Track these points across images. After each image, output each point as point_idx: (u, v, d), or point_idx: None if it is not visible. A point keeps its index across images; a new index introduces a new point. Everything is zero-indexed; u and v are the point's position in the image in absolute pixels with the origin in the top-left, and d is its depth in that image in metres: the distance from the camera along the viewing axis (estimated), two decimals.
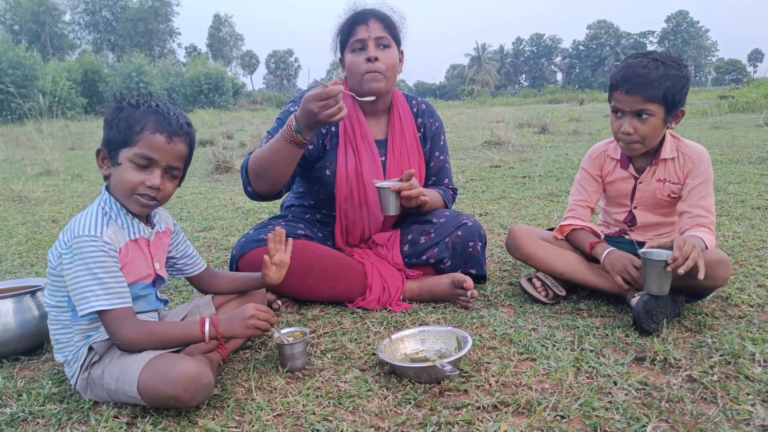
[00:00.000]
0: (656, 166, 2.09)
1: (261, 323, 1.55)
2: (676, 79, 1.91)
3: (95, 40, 73.86)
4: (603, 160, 2.22)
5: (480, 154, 7.61)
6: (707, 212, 1.98)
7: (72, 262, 1.43)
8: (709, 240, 1.90)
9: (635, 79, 1.91)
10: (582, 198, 2.25)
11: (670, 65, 1.91)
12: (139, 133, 1.48)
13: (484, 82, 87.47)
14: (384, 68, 2.21)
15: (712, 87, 53.58)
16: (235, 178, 6.57)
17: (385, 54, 2.22)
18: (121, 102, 1.52)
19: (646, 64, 1.91)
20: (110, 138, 1.50)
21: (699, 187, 2.01)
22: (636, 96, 1.92)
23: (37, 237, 3.72)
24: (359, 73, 2.21)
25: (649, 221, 2.18)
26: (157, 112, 1.51)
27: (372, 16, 2.22)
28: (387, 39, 2.23)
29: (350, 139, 2.31)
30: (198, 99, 39.83)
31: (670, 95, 1.91)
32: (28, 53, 31.60)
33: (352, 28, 2.22)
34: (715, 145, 7.02)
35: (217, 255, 3.10)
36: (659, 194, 2.11)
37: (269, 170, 2.06)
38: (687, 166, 2.06)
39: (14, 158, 9.42)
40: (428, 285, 2.23)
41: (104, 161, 1.53)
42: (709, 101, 17.36)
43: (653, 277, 1.80)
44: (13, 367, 1.81)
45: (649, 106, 1.93)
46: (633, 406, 1.38)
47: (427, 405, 1.43)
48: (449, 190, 2.52)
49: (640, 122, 1.96)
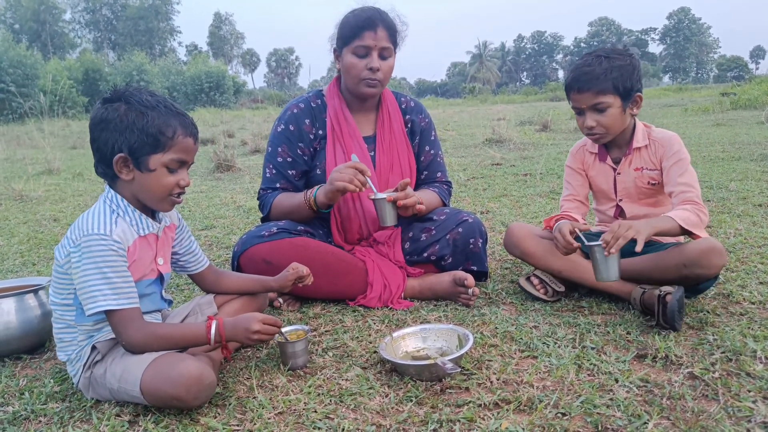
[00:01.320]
0: (631, 156, 2.14)
1: (265, 337, 1.55)
2: (622, 69, 1.99)
3: (96, 39, 73.79)
4: (583, 154, 2.29)
5: (481, 151, 7.61)
6: (689, 186, 1.99)
7: (80, 260, 1.42)
8: (683, 216, 1.87)
9: (583, 77, 2.02)
10: (569, 193, 2.30)
11: (614, 57, 2.01)
12: (172, 138, 1.47)
13: (485, 79, 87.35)
14: (382, 78, 2.26)
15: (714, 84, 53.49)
16: (237, 176, 6.58)
17: (386, 64, 2.26)
18: (124, 101, 1.47)
19: (590, 62, 2.02)
20: (134, 143, 1.45)
21: (675, 166, 2.04)
22: (587, 93, 2.02)
23: (39, 236, 3.73)
24: (357, 77, 2.24)
25: (637, 213, 2.19)
26: (177, 113, 1.50)
27: (382, 23, 2.21)
28: (390, 50, 2.26)
29: (338, 137, 2.34)
30: (199, 97, 39.78)
31: (620, 84, 1.99)
32: (28, 52, 31.60)
33: (360, 31, 2.20)
34: (717, 142, 7.01)
35: (219, 253, 3.11)
36: (639, 182, 2.14)
37: (294, 218, 2.28)
38: (659, 151, 2.10)
39: (15, 157, 9.44)
40: (429, 283, 2.23)
41: (125, 167, 1.49)
42: (711, 98, 17.35)
43: (596, 263, 1.84)
44: (16, 365, 1.81)
45: (602, 98, 2.01)
46: (634, 403, 1.38)
47: (429, 403, 1.44)
48: (443, 184, 2.53)
49: (599, 115, 2.04)
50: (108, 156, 1.48)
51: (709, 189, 4.11)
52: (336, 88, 2.40)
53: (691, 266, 1.86)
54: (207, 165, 7.44)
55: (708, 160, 5.55)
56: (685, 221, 1.87)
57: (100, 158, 1.51)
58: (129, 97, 1.48)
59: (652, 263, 1.96)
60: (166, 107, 1.48)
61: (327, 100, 2.39)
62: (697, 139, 7.55)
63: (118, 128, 1.45)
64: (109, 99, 1.49)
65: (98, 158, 1.52)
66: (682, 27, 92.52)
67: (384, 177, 2.35)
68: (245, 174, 6.71)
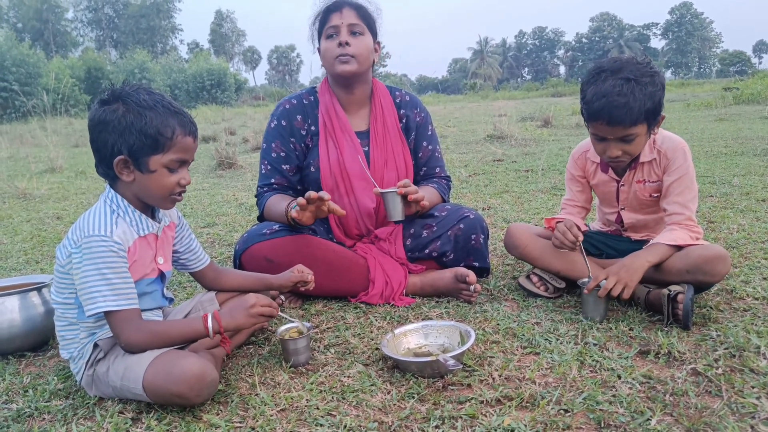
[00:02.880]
0: (635, 170, 2.08)
1: (265, 309, 1.55)
2: (653, 95, 1.82)
3: (98, 37, 73.79)
4: (584, 161, 2.22)
5: (483, 148, 7.60)
6: (683, 208, 1.96)
7: (81, 261, 1.43)
8: (673, 237, 1.91)
9: (615, 111, 1.80)
10: (569, 198, 2.29)
11: (645, 82, 1.80)
12: (171, 138, 1.46)
13: (486, 75, 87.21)
14: (355, 52, 2.24)
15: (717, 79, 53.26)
16: (238, 173, 6.58)
17: (358, 40, 2.25)
18: (121, 102, 1.45)
19: (621, 90, 1.79)
20: (133, 144, 1.45)
21: (675, 183, 1.98)
22: (618, 126, 1.84)
23: (42, 234, 3.74)
24: (331, 57, 2.26)
25: (637, 221, 2.18)
26: (175, 112, 1.48)
27: (346, 4, 2.26)
28: (360, 27, 2.26)
29: (330, 133, 2.34)
30: (200, 95, 39.81)
31: (652, 112, 1.84)
32: (31, 51, 31.65)
33: (327, 15, 2.27)
34: (720, 137, 6.99)
35: (221, 251, 3.11)
36: (641, 195, 2.10)
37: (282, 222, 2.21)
38: (663, 162, 2.02)
39: (19, 156, 9.46)
40: (431, 279, 2.23)
41: (125, 168, 1.49)
42: (714, 93, 17.28)
43: (586, 304, 1.92)
44: (19, 363, 1.82)
45: (632, 130, 1.85)
46: (637, 399, 1.38)
47: (431, 399, 1.44)
48: (442, 180, 2.52)
49: (627, 145, 1.90)
50: (108, 157, 1.48)
51: (711, 184, 4.10)
52: (327, 84, 2.41)
53: (694, 272, 1.85)
54: (209, 162, 7.44)
55: (711, 156, 5.53)
56: (676, 240, 1.91)
57: (100, 159, 1.51)
58: (126, 97, 1.46)
59: (655, 266, 1.95)
60: (163, 106, 1.47)
61: (319, 96, 2.40)
62: (699, 134, 7.53)
63: (116, 130, 1.45)
64: (107, 100, 1.47)
65: (98, 159, 1.52)
66: (684, 22, 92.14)
67: (378, 173, 2.34)
68: (247, 171, 6.72)
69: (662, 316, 1.83)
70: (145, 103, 1.46)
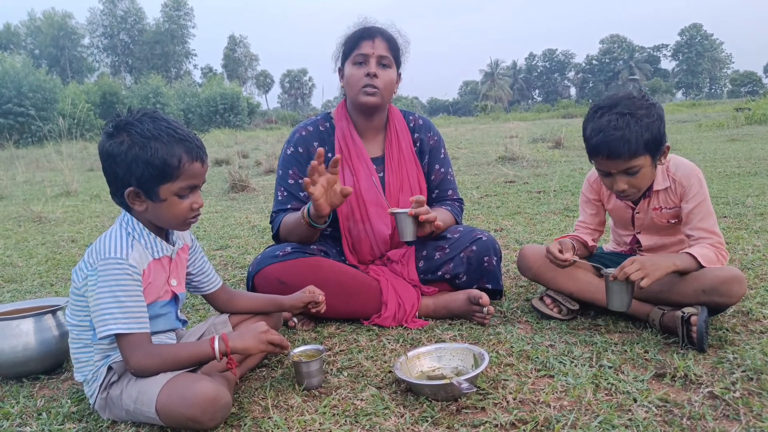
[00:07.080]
0: (650, 198, 2.08)
1: (276, 338, 1.56)
2: (650, 126, 1.85)
3: (113, 63, 75.17)
4: (599, 185, 2.22)
5: (494, 169, 7.61)
6: (709, 233, 1.96)
7: (96, 283, 1.44)
8: (702, 253, 1.89)
9: (613, 145, 1.85)
10: (582, 220, 2.30)
11: (640, 115, 1.85)
12: (178, 167, 1.47)
13: (497, 97, 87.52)
14: (381, 86, 2.26)
15: (728, 99, 53.13)
16: (251, 196, 6.62)
17: (385, 73, 2.28)
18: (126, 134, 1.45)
19: (617, 124, 1.84)
20: (141, 176, 1.46)
21: (695, 209, 1.98)
22: (618, 160, 1.88)
23: (57, 257, 3.77)
24: (357, 85, 2.27)
25: (654, 243, 2.17)
26: (181, 139, 1.48)
27: (380, 34, 2.28)
28: (389, 59, 2.29)
29: (346, 159, 2.35)
30: (213, 119, 40.27)
31: (651, 143, 1.87)
32: (48, 77, 32.30)
33: (358, 41, 2.28)
34: (733, 157, 6.95)
35: (234, 273, 3.12)
36: (658, 221, 2.11)
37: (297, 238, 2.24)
38: (678, 189, 2.03)
39: (35, 180, 9.59)
40: (444, 301, 2.22)
41: (137, 199, 1.50)
42: (726, 114, 17.22)
43: (609, 292, 1.90)
44: (33, 386, 1.83)
45: (634, 162, 1.89)
46: (653, 423, 1.36)
47: (445, 423, 1.42)
48: (455, 202, 2.53)
49: (632, 178, 1.93)
50: (120, 189, 1.50)
51: (725, 205, 4.07)
52: (344, 109, 2.43)
53: (710, 293, 1.83)
54: (222, 185, 7.50)
55: (723, 176, 5.50)
56: (704, 258, 1.88)
57: (112, 190, 1.54)
58: (130, 128, 1.46)
59: (670, 286, 1.93)
60: (168, 134, 1.46)
61: (335, 122, 2.42)
62: (712, 154, 7.49)
63: (123, 163, 1.46)
64: (111, 133, 1.47)
65: (111, 190, 1.54)
66: (694, 43, 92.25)
67: (394, 197, 2.35)
68: (259, 194, 6.76)
69: (678, 339, 1.81)
70: (150, 133, 1.45)
